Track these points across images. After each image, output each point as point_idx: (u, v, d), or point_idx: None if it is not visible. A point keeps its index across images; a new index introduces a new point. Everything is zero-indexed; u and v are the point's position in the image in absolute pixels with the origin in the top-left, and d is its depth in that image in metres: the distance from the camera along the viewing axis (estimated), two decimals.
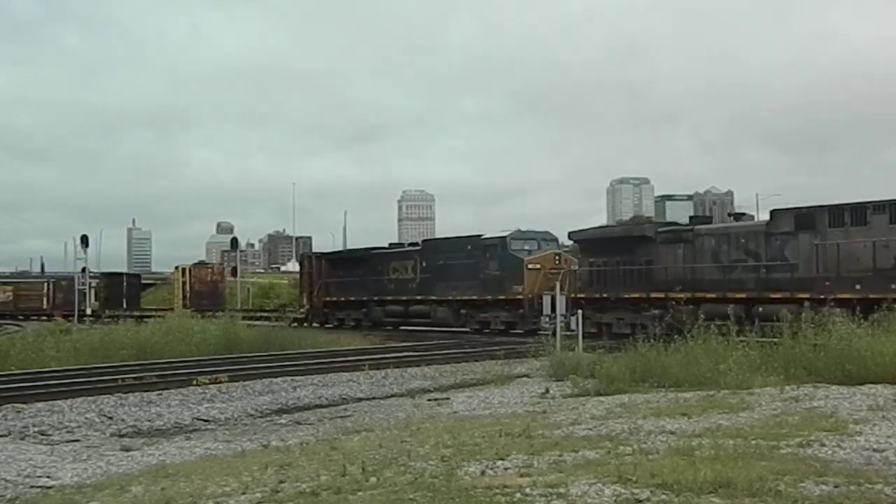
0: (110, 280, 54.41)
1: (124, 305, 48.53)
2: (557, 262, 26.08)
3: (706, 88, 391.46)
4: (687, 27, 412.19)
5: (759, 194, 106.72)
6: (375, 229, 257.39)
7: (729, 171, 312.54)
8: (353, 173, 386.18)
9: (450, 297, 28.28)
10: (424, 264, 29.76)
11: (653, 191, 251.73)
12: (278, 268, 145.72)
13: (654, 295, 22.02)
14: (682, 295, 20.80)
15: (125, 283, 54.16)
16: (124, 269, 73.50)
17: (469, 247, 28.44)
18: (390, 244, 35.40)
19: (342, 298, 33.60)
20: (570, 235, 26.06)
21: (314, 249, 74.21)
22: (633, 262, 23.09)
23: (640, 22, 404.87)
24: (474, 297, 27.49)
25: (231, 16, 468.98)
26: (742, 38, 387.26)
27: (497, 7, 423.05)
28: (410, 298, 29.92)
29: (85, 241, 47.66)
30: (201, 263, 50.72)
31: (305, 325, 33.93)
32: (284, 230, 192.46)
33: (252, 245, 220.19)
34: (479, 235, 28.92)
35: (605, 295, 23.27)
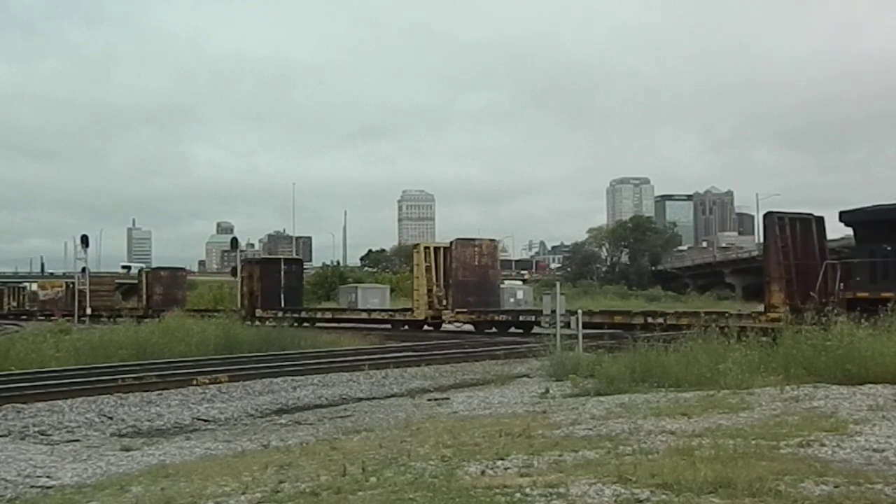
0: (263, 269, 39.81)
1: (282, 304, 37.05)
2: None
3: (718, 85, 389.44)
4: (699, 22, 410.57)
5: (759, 194, 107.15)
6: (375, 229, 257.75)
7: (739, 170, 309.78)
8: (357, 172, 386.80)
9: None
10: None
11: (653, 191, 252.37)
12: None
13: None
14: None
15: (282, 273, 38.95)
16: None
17: None
18: None
19: None
20: None
21: (314, 250, 66.97)
22: None
23: (650, 17, 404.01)
24: None
25: (235, 12, 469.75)
26: (758, 33, 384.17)
27: (504, 2, 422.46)
28: None
29: (85, 240, 47.83)
30: (466, 240, 32.93)
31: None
32: (285, 230, 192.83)
33: (252, 245, 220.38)
34: None
35: None
